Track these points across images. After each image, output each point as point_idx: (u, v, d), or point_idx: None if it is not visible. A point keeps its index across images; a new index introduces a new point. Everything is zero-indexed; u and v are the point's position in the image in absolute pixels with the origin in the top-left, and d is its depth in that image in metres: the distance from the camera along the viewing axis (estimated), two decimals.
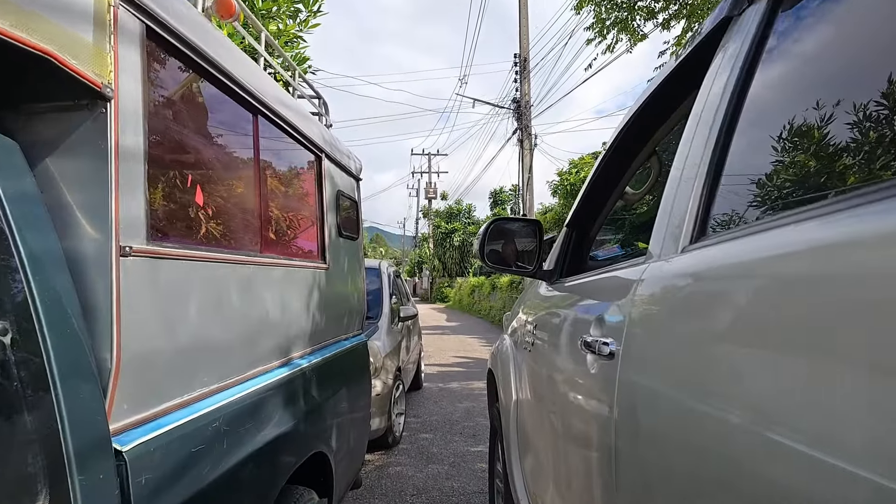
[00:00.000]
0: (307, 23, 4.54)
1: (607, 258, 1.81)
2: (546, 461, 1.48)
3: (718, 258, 0.70)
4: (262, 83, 1.67)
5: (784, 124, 0.71)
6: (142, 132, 1.08)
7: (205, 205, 1.34)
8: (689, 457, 0.67)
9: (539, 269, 1.82)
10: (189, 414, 1.21)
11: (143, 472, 1.03)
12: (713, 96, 0.87)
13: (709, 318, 0.68)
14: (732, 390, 0.59)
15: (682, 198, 0.88)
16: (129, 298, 1.03)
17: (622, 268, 1.11)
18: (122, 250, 1.01)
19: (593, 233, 1.77)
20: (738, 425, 0.57)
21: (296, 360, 1.88)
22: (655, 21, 5.02)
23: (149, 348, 1.10)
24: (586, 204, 1.69)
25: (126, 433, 1.03)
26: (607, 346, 0.97)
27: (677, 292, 0.80)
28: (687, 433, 0.67)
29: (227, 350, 1.42)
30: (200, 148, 1.37)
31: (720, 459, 0.60)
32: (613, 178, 1.59)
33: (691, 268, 0.77)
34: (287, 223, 1.95)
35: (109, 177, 0.99)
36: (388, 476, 3.72)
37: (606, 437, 0.95)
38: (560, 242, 1.81)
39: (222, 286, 1.39)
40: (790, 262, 0.55)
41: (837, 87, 0.63)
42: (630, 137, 1.42)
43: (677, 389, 0.72)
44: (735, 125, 0.80)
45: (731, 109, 0.80)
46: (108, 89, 0.99)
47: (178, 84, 1.27)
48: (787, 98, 0.73)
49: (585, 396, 1.13)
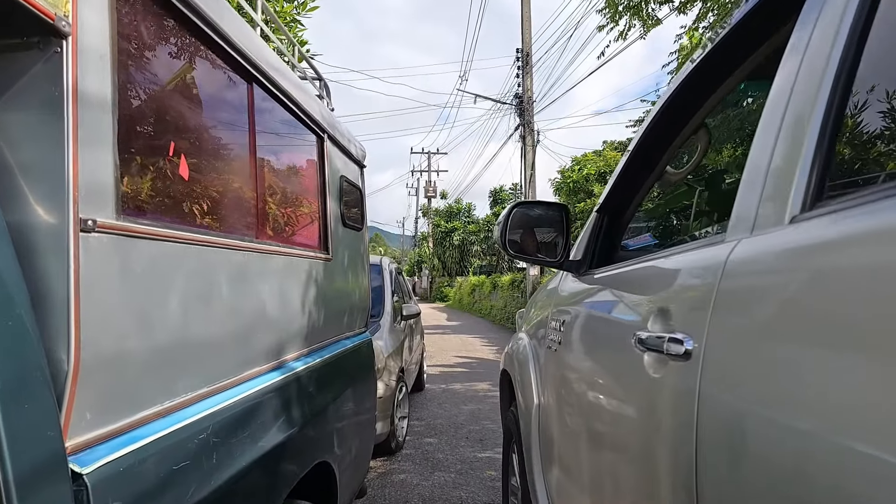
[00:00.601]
0: (305, 6, 4.34)
1: (642, 247, 1.65)
2: (582, 476, 1.30)
3: (851, 227, 0.53)
4: (258, 48, 1.47)
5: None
6: (109, 79, 0.88)
7: (191, 178, 1.14)
8: (801, 488, 0.51)
9: (566, 260, 1.65)
10: (171, 424, 1.01)
11: (109, 498, 0.83)
12: (822, 28, 0.68)
13: (849, 311, 0.50)
14: (877, 409, 0.43)
15: (784, 152, 0.70)
16: (92, 284, 0.83)
17: (690, 250, 0.93)
18: (83, 224, 0.81)
19: (627, 218, 1.58)
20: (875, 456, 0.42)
21: (295, 361, 1.68)
22: (671, 4, 4.84)
23: (119, 346, 0.90)
24: (620, 186, 1.51)
25: (88, 451, 0.83)
26: (681, 345, 0.78)
27: (792, 276, 0.61)
28: (810, 466, 0.50)
29: (216, 349, 1.22)
30: (186, 112, 1.17)
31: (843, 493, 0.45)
32: (653, 157, 1.42)
33: (810, 241, 0.59)
34: (286, 208, 1.75)
35: (65, 131, 0.79)
36: (392, 484, 3.52)
37: (682, 458, 0.76)
38: (590, 230, 1.63)
39: (211, 274, 1.20)
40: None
41: None
42: (674, 110, 1.24)
43: (794, 405, 0.54)
44: (860, 59, 0.62)
45: (854, 40, 0.62)
46: (65, 23, 0.79)
47: (158, 31, 1.07)
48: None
49: (645, 403, 0.94)
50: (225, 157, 1.35)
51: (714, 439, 0.69)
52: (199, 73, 1.23)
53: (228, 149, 1.37)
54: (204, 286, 1.17)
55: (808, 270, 0.58)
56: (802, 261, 0.60)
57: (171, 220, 1.07)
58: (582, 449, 1.30)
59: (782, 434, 0.54)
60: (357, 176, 2.57)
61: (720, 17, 4.57)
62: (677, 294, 0.91)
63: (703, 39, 4.95)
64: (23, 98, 0.79)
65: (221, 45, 1.27)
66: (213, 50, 1.26)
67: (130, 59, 0.96)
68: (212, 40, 1.23)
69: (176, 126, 1.13)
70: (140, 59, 1.01)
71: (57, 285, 0.79)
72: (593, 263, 1.58)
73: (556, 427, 1.56)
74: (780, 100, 0.74)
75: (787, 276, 0.62)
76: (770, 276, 0.66)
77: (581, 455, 1.31)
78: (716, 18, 4.71)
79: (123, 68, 0.93)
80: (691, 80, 1.15)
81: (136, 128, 0.99)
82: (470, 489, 3.45)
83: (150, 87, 1.05)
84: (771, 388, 0.58)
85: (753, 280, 0.69)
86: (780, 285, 0.63)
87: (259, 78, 1.48)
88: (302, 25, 4.35)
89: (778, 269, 0.64)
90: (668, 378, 0.84)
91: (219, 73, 1.31)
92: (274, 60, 1.60)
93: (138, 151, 1.00)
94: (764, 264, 0.67)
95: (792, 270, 0.61)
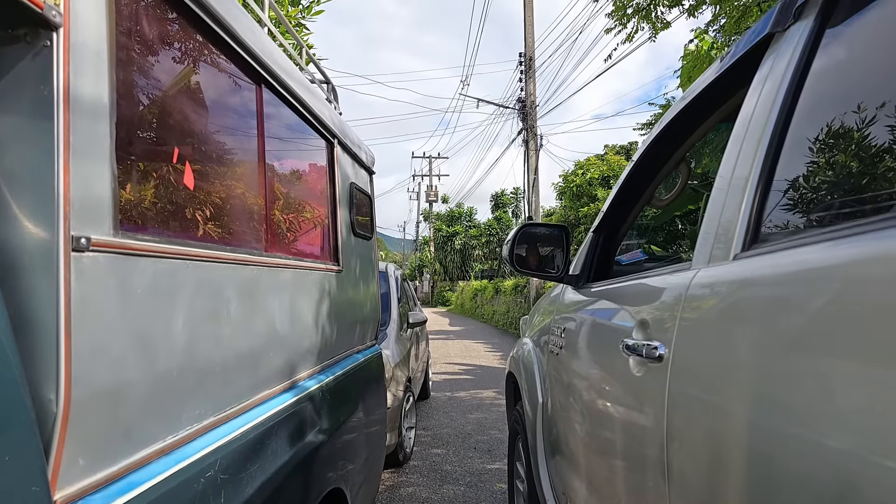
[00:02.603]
0: (310, 10, 4.25)
1: (633, 262, 1.91)
2: (580, 461, 1.49)
3: (777, 265, 0.72)
4: (266, 47, 1.37)
5: (833, 137, 0.74)
6: (106, 78, 0.78)
7: (196, 188, 1.04)
8: (741, 466, 0.70)
9: (566, 274, 1.84)
10: (174, 463, 0.91)
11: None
12: (761, 109, 0.88)
13: (771, 325, 0.69)
14: (795, 399, 0.60)
15: (731, 207, 0.89)
16: (85, 311, 0.72)
17: (665, 273, 1.12)
18: (76, 242, 0.71)
19: (619, 238, 1.79)
20: (795, 434, 0.59)
21: (305, 381, 1.57)
22: (681, 7, 4.74)
23: (115, 380, 0.80)
24: (614, 210, 1.70)
25: (81, 502, 0.73)
26: (655, 350, 0.97)
27: (732, 299, 0.81)
28: (747, 442, 0.69)
29: (224, 373, 1.12)
30: (190, 115, 1.07)
31: (770, 468, 0.63)
32: (642, 186, 1.63)
33: (745, 274, 0.79)
34: (295, 217, 1.65)
35: (55, 136, 0.69)
36: (401, 498, 3.40)
37: (656, 439, 0.95)
38: (587, 248, 1.82)
39: (218, 291, 1.09)
40: (862, 269, 0.57)
41: (886, 99, 0.66)
42: (661, 145, 1.46)
43: (736, 395, 0.73)
44: (785, 138, 0.82)
45: (780, 122, 0.82)
46: (55, 13, 0.69)
47: (161, 25, 0.97)
48: (837, 111, 0.75)
49: (630, 398, 1.13)
50: (232, 165, 1.24)
51: (680, 425, 0.88)
52: (205, 72, 1.13)
53: (236, 155, 1.27)
54: (211, 305, 1.06)
55: (744, 294, 0.79)
56: (740, 287, 0.80)
57: (175, 235, 0.97)
58: (580, 438, 1.49)
59: (731, 419, 0.73)
60: (367, 183, 2.47)
61: (731, 21, 4.47)
62: (655, 308, 1.08)
63: (706, 48, 4.89)
64: (7, 98, 0.69)
65: (229, 43, 1.17)
66: (219, 48, 1.16)
67: (130, 56, 0.86)
68: (219, 37, 1.13)
69: (180, 130, 1.03)
70: (141, 56, 0.90)
71: (44, 312, 0.69)
72: (590, 277, 1.76)
73: (558, 421, 1.75)
74: (730, 162, 0.93)
75: (730, 297, 0.82)
76: (718, 297, 0.85)
77: (579, 443, 1.50)
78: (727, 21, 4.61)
79: (122, 66, 0.83)
80: (669, 127, 1.36)
81: (136, 132, 0.89)
82: (480, 503, 3.33)
83: (152, 87, 0.95)
84: (721, 383, 0.78)
85: (707, 300, 0.89)
86: (725, 304, 0.83)
87: (268, 79, 1.38)
88: (307, 30, 4.25)
89: (724, 292, 0.84)
90: (646, 377, 1.03)
91: (226, 72, 1.21)
92: (283, 61, 1.51)
93: (139, 159, 0.89)
94: (714, 288, 0.87)
95: (733, 294, 0.82)
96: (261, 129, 1.36)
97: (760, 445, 0.65)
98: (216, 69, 1.17)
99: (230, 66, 1.22)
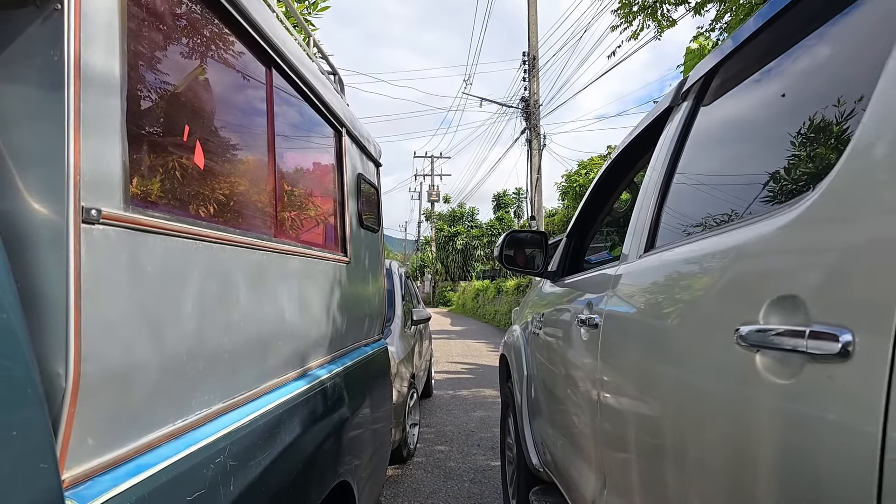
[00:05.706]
0: (316, 5, 4.22)
1: (597, 261, 2.35)
2: (551, 413, 1.91)
3: (661, 260, 1.12)
4: (276, 30, 1.35)
5: (700, 179, 1.16)
6: (118, 48, 0.75)
7: (206, 166, 1.02)
8: (644, 394, 1.08)
9: (545, 270, 2.28)
10: (184, 447, 0.88)
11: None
12: (661, 155, 1.30)
13: (648, 304, 1.14)
14: (669, 345, 0.99)
15: (641, 221, 1.29)
16: (96, 285, 0.70)
17: (606, 268, 1.50)
18: (86, 214, 0.69)
19: (587, 241, 2.26)
20: (667, 375, 0.98)
21: (315, 371, 1.55)
22: (687, 5, 4.70)
23: (126, 357, 0.78)
24: (581, 220, 2.16)
25: (89, 482, 0.70)
26: (594, 321, 1.37)
27: (635, 285, 1.23)
28: (646, 378, 1.07)
29: (233, 358, 1.09)
30: (202, 93, 1.05)
31: (665, 399, 0.98)
32: (602, 201, 2.13)
33: (642, 267, 1.21)
34: (304, 205, 1.63)
35: (66, 104, 0.67)
36: (405, 494, 3.38)
37: (593, 383, 1.36)
38: (561, 248, 2.22)
39: (229, 274, 1.07)
40: (684, 265, 1.00)
41: (733, 157, 1.06)
42: (614, 172, 1.96)
43: (637, 347, 1.14)
44: (672, 177, 1.22)
45: (670, 166, 1.22)
46: None
47: (173, 3, 0.94)
48: (704, 162, 1.17)
49: (580, 356, 1.52)
50: (242, 146, 1.22)
51: (606, 371, 1.27)
52: (217, 52, 1.11)
53: (246, 137, 1.25)
54: (220, 289, 1.04)
55: (641, 280, 1.20)
56: (639, 276, 1.21)
57: (185, 214, 0.95)
58: (548, 392, 1.94)
59: (637, 363, 1.13)
60: (374, 175, 2.45)
61: (737, 19, 4.44)
62: (596, 292, 1.48)
63: (708, 47, 4.87)
64: (16, 65, 0.67)
65: (241, 23, 1.15)
66: (231, 27, 1.14)
67: (141, 28, 0.84)
68: (231, 17, 1.11)
69: (190, 109, 1.00)
70: (152, 29, 0.88)
71: (53, 285, 0.66)
72: (564, 273, 2.17)
73: (537, 387, 2.18)
74: (643, 190, 1.33)
75: (634, 283, 1.24)
76: (628, 282, 1.27)
77: (549, 396, 1.94)
78: (732, 19, 4.58)
79: (134, 37, 0.80)
80: (616, 161, 1.87)
81: (147, 107, 0.86)
82: (485, 499, 3.31)
83: (164, 63, 0.92)
84: (629, 339, 1.18)
85: (623, 286, 1.29)
86: (632, 287, 1.24)
87: (279, 62, 1.36)
88: (313, 26, 4.23)
89: (631, 280, 1.26)
90: (589, 340, 1.42)
91: (237, 53, 1.19)
92: (293, 46, 1.48)
93: (149, 134, 0.87)
94: (628, 277, 1.28)
95: (635, 280, 1.23)
96: (270, 113, 1.34)
97: (654, 380, 1.02)
98: (228, 49, 1.15)
99: (242, 47, 1.20)
